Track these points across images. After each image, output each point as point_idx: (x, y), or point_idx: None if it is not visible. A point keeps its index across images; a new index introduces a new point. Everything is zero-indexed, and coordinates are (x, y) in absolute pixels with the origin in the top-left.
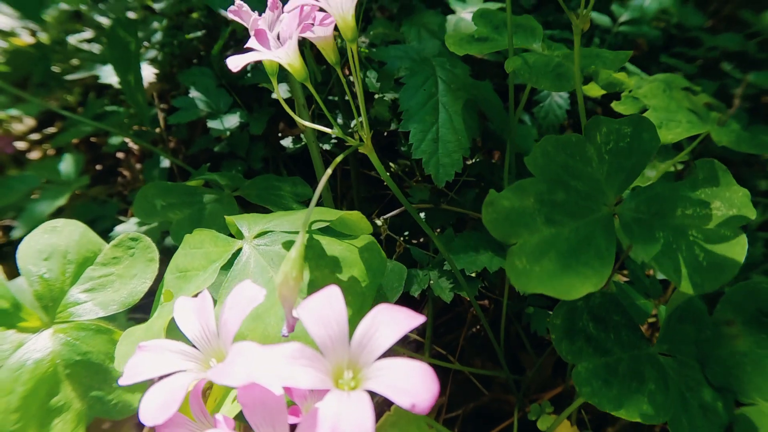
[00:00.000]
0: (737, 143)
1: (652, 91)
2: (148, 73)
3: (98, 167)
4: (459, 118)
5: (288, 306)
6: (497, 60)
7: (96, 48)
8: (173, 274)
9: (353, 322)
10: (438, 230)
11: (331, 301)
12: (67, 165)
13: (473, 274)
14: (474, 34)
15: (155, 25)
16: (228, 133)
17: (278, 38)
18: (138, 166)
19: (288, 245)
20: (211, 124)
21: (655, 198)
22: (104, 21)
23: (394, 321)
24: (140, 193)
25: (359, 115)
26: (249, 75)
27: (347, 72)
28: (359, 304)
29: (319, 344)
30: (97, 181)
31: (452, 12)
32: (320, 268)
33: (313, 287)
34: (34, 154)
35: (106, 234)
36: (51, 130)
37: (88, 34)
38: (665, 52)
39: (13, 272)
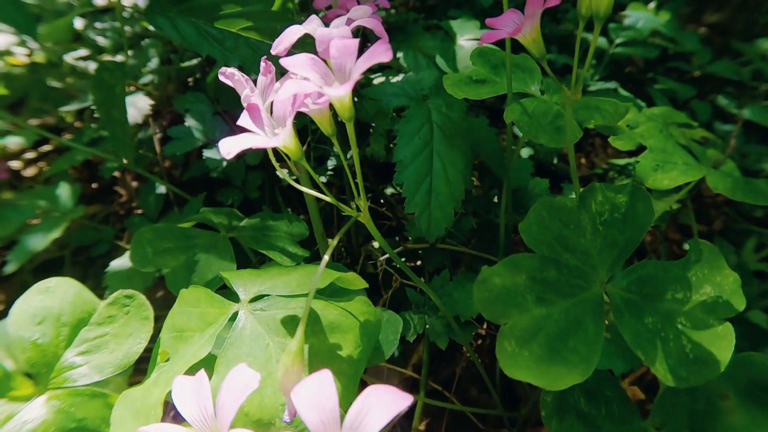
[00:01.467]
0: (732, 191)
1: (648, 131)
2: (144, 104)
3: (94, 186)
4: (453, 168)
5: (289, 395)
6: None
7: (92, 66)
8: (170, 333)
9: (348, 389)
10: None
11: (322, 386)
12: (62, 195)
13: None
14: (472, 75)
15: (152, 51)
16: (224, 163)
17: (271, 108)
18: (134, 184)
19: (284, 312)
20: (207, 153)
21: (647, 278)
22: (101, 41)
23: (384, 404)
24: (135, 238)
25: (357, 188)
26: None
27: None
28: (354, 371)
29: (312, 429)
30: (94, 200)
31: (450, 37)
32: (316, 334)
33: (310, 354)
34: (29, 171)
35: (103, 259)
36: (46, 147)
37: (84, 51)
38: (661, 65)
39: (10, 297)
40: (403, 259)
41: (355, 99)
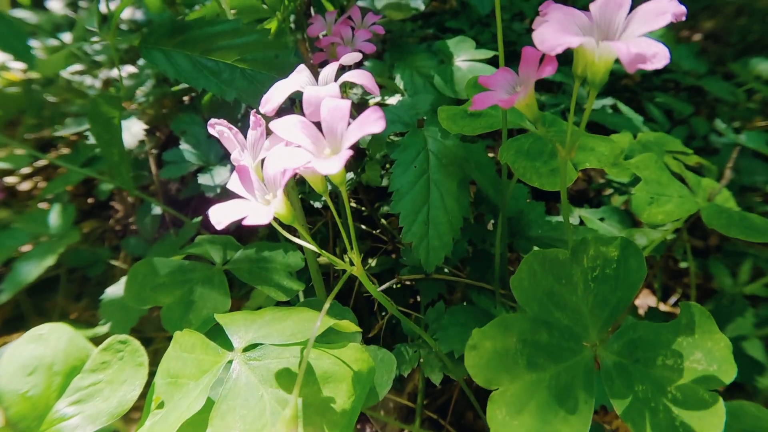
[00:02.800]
0: (727, 228)
1: (643, 162)
2: (138, 129)
3: (90, 200)
4: (450, 197)
5: None
6: None
7: (88, 81)
8: (164, 378)
9: None
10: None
11: None
12: (56, 219)
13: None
14: (466, 109)
15: (147, 71)
16: (218, 190)
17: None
18: (131, 199)
19: (278, 363)
20: (202, 179)
21: (638, 341)
22: (99, 58)
23: None
24: (130, 274)
25: (350, 242)
26: (240, 125)
27: None
28: (347, 421)
29: None
30: (90, 215)
31: (446, 57)
32: (309, 385)
33: (303, 405)
34: (25, 186)
35: (99, 279)
36: (42, 162)
37: (80, 66)
38: (657, 76)
39: (4, 316)
40: (398, 284)
41: None
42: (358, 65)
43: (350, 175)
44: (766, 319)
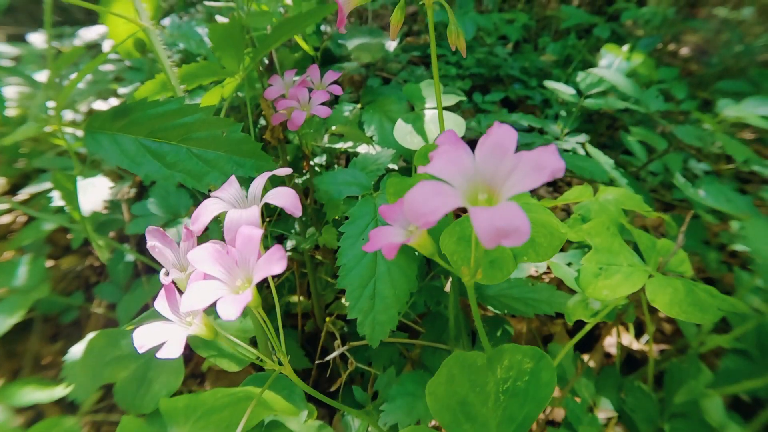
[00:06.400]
0: (670, 305)
1: (595, 228)
2: (103, 188)
3: (69, 236)
4: (398, 270)
5: None
6: None
7: (68, 116)
8: None
9: None
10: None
11: None
12: (26, 271)
13: None
14: (415, 182)
15: None
16: None
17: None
18: (111, 234)
19: None
20: (170, 233)
21: None
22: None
23: None
24: (87, 347)
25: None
26: None
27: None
28: None
29: None
30: (68, 250)
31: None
32: None
33: None
34: (5, 219)
35: (73, 327)
36: (21, 197)
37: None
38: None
39: None
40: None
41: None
42: (332, 104)
43: (311, 230)
44: (724, 374)
